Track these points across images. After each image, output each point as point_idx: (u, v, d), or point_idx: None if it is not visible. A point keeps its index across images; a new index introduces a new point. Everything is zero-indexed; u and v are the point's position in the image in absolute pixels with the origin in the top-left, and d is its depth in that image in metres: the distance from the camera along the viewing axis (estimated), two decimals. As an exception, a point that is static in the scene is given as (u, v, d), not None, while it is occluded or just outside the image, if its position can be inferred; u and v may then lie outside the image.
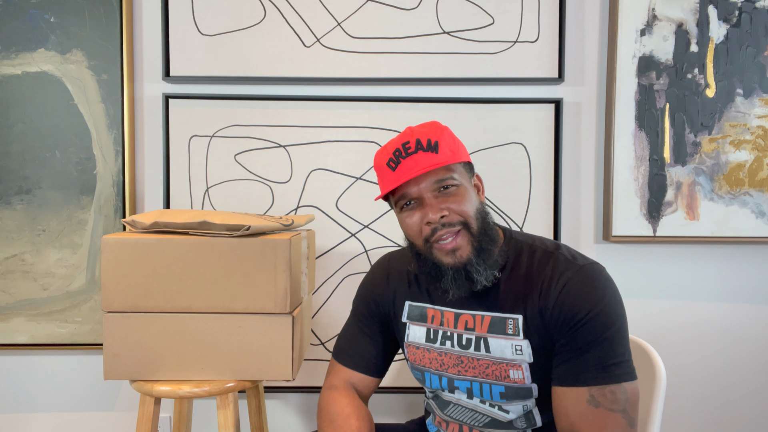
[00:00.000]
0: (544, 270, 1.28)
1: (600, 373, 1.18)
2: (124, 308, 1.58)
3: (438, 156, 1.23)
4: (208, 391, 1.59)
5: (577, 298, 1.22)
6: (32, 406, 2.20)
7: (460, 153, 1.29)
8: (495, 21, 2.10)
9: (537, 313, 1.26)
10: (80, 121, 2.09)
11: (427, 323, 1.39)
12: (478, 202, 1.29)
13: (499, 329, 1.29)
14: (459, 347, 1.33)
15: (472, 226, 1.26)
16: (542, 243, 1.35)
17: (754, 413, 2.21)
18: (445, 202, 1.25)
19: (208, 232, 1.58)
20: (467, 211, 1.25)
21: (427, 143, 1.24)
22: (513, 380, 1.28)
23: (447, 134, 1.28)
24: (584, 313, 1.20)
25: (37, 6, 2.07)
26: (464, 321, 1.33)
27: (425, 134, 1.26)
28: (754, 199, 2.10)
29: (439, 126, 1.30)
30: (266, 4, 2.09)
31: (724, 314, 2.19)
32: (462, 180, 1.27)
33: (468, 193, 1.27)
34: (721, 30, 2.07)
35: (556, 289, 1.24)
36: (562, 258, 1.28)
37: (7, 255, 2.11)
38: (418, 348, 1.40)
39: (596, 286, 1.23)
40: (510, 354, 1.28)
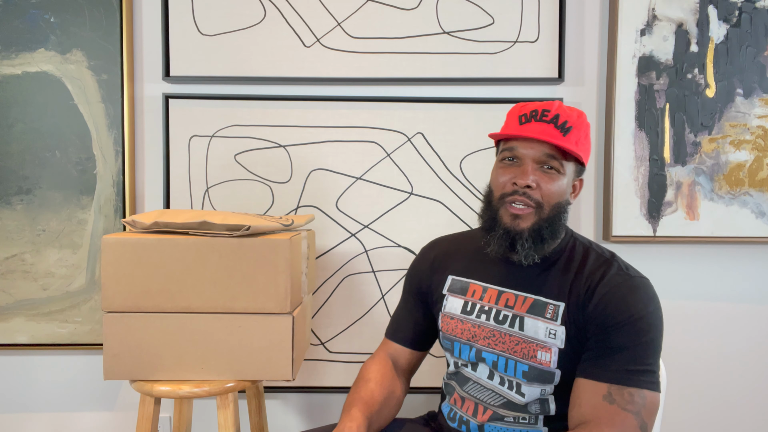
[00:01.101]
0: (596, 271, 1.34)
1: (624, 374, 1.22)
2: (123, 308, 1.58)
3: (564, 138, 1.30)
4: (208, 391, 1.59)
5: (621, 302, 1.27)
6: (32, 406, 2.20)
7: (582, 151, 1.34)
8: (495, 21, 2.10)
9: (579, 306, 1.31)
10: (80, 121, 2.09)
11: (466, 296, 1.45)
12: (564, 197, 1.35)
13: (538, 312, 1.35)
14: (494, 322, 1.39)
15: (544, 210, 1.33)
16: (599, 248, 1.42)
17: (755, 413, 2.21)
18: (540, 178, 1.32)
19: (208, 232, 1.58)
20: (550, 196, 1.32)
21: (562, 123, 1.31)
22: (539, 361, 1.32)
23: (583, 129, 1.35)
24: (625, 316, 1.25)
25: (37, 6, 2.07)
26: (506, 299, 1.39)
27: (566, 116, 1.32)
28: (754, 199, 2.10)
29: (583, 119, 1.35)
30: (266, 4, 2.09)
31: (724, 314, 2.19)
32: (565, 171, 1.34)
33: (561, 184, 1.33)
34: (721, 30, 2.07)
35: (602, 289, 1.30)
36: (615, 265, 1.35)
37: (7, 255, 2.11)
38: (452, 318, 1.46)
39: (641, 297, 1.28)
40: (543, 336, 1.33)
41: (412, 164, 2.13)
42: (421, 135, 2.12)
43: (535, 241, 1.32)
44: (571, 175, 1.36)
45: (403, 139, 2.12)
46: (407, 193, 2.13)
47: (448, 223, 2.13)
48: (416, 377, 2.15)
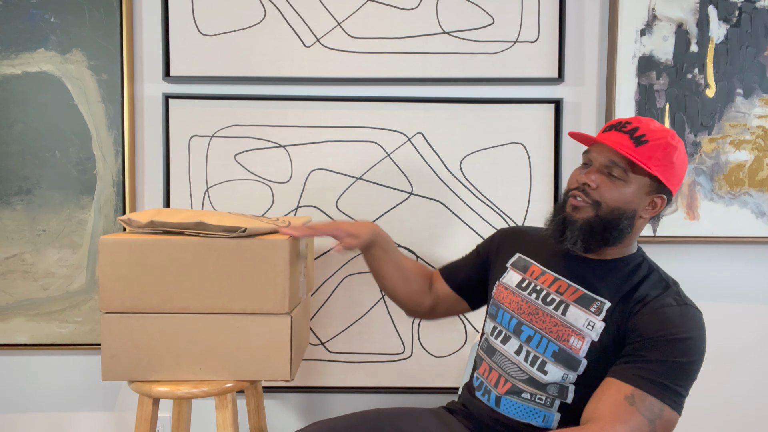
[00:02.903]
0: (653, 289, 1.39)
1: (651, 383, 1.26)
2: (122, 309, 1.58)
3: (635, 149, 1.35)
4: (206, 392, 1.59)
5: (668, 320, 1.31)
6: (32, 406, 2.20)
7: (659, 165, 1.35)
8: (495, 21, 2.09)
9: (626, 313, 1.36)
10: (80, 121, 2.10)
11: (525, 274, 1.54)
12: (629, 207, 1.38)
13: (584, 304, 1.41)
14: (542, 302, 1.47)
15: (602, 209, 1.38)
16: (665, 273, 1.46)
17: (755, 413, 2.21)
18: (602, 181, 1.39)
19: (204, 232, 1.58)
20: (608, 200, 1.38)
21: (638, 136, 1.36)
22: (570, 346, 1.39)
23: (664, 148, 1.36)
24: (667, 332, 1.29)
25: (37, 6, 2.07)
26: (558, 285, 1.47)
27: (645, 129, 1.37)
28: (754, 199, 2.09)
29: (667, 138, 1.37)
30: (266, 4, 2.09)
31: (724, 314, 2.18)
32: (632, 181, 1.37)
33: (624, 192, 1.38)
34: (721, 30, 2.07)
35: (654, 305, 1.34)
36: (673, 290, 1.39)
37: (7, 255, 2.12)
38: (506, 289, 1.56)
39: (690, 322, 1.33)
40: (581, 324, 1.39)
41: (412, 164, 2.13)
42: (421, 135, 2.12)
43: (584, 234, 1.40)
44: (642, 189, 1.38)
45: (403, 139, 2.12)
46: (407, 193, 2.13)
47: (448, 223, 2.13)
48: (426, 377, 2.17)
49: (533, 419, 1.43)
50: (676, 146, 1.37)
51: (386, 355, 2.17)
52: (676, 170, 1.39)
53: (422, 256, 2.14)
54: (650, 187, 1.39)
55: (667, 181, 1.38)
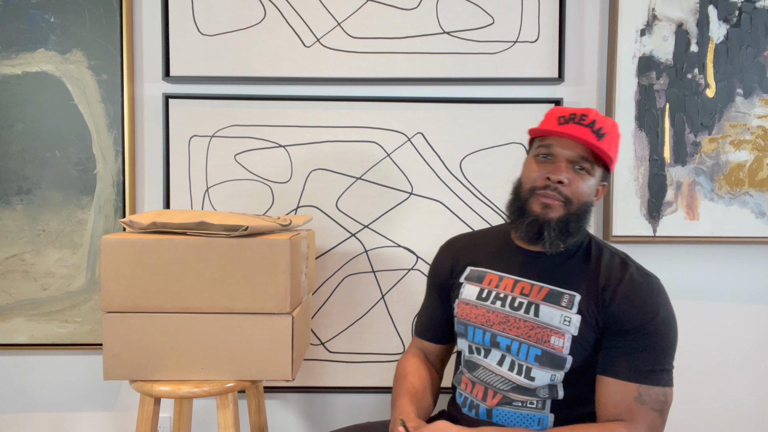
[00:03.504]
0: (614, 269, 1.43)
1: (651, 374, 1.33)
2: (123, 308, 1.58)
3: (599, 142, 1.39)
4: (207, 391, 1.59)
5: (643, 304, 1.37)
6: (32, 406, 2.20)
7: (611, 156, 1.42)
8: (495, 21, 2.09)
9: (597, 299, 1.39)
10: (80, 121, 2.10)
11: (482, 284, 1.52)
12: (590, 197, 1.44)
13: (553, 300, 1.42)
14: (509, 308, 1.46)
15: (573, 205, 1.41)
16: (612, 247, 1.51)
17: (755, 413, 2.21)
18: (573, 176, 1.41)
19: (206, 232, 1.58)
20: (579, 194, 1.41)
21: (598, 129, 1.40)
22: (552, 346, 1.39)
23: (615, 138, 1.44)
24: (648, 318, 1.35)
25: (37, 6, 2.07)
26: (521, 287, 1.47)
27: (600, 121, 1.41)
28: (754, 199, 2.10)
29: (615, 128, 1.45)
30: (266, 4, 2.09)
31: (724, 314, 2.19)
32: (595, 174, 1.43)
33: (590, 184, 1.43)
34: (721, 30, 2.07)
35: (624, 289, 1.38)
36: (631, 264, 1.44)
37: (7, 255, 2.11)
38: (467, 304, 1.53)
39: (661, 298, 1.40)
40: (557, 322, 1.40)
41: (412, 164, 2.13)
42: (421, 135, 2.12)
43: (561, 232, 1.41)
44: (598, 179, 1.45)
45: (403, 139, 2.12)
46: (407, 193, 2.13)
47: (448, 223, 2.13)
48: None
49: (529, 425, 1.43)
50: (619, 134, 1.47)
51: (386, 355, 2.17)
52: (616, 151, 1.47)
53: (422, 256, 2.14)
54: (602, 176, 1.46)
55: (611, 166, 1.46)
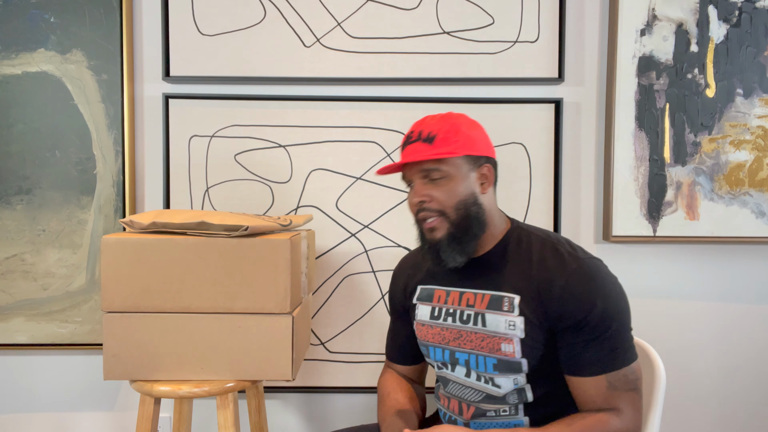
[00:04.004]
0: (545, 259, 1.39)
1: (611, 360, 1.31)
2: (123, 308, 1.58)
3: (431, 148, 1.37)
4: (207, 391, 1.59)
5: (584, 294, 1.32)
6: (32, 406, 2.20)
7: (461, 146, 1.38)
8: (495, 21, 2.10)
9: (535, 297, 1.36)
10: (80, 121, 2.10)
11: (432, 302, 1.51)
12: (466, 194, 1.39)
13: (496, 306, 1.40)
14: (459, 322, 1.45)
15: (450, 215, 1.39)
16: (545, 233, 1.46)
17: (754, 413, 2.21)
18: (429, 190, 1.39)
19: (206, 232, 1.58)
20: (446, 201, 1.38)
21: (427, 135, 1.38)
22: (504, 353, 1.38)
23: (449, 127, 1.39)
24: (588, 310, 1.31)
25: (37, 6, 2.07)
26: (466, 298, 1.45)
27: (428, 127, 1.39)
28: (754, 199, 2.10)
29: (446, 119, 1.41)
30: (266, 4, 2.09)
31: (724, 314, 2.19)
32: (453, 171, 1.38)
33: (454, 185, 1.38)
34: (721, 30, 2.07)
35: (560, 280, 1.34)
36: (563, 250, 1.39)
37: (7, 255, 2.11)
38: (423, 325, 1.52)
39: (597, 283, 1.34)
40: (503, 328, 1.38)
41: (412, 164, 2.13)
42: (421, 135, 2.12)
43: (454, 245, 1.39)
44: (466, 170, 1.39)
45: (403, 139, 2.12)
46: (407, 193, 2.13)
47: (448, 223, 2.13)
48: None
49: None
50: (458, 122, 1.40)
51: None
52: (475, 137, 1.41)
53: (422, 256, 2.14)
54: (468, 165, 1.40)
55: (477, 151, 1.40)
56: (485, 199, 1.42)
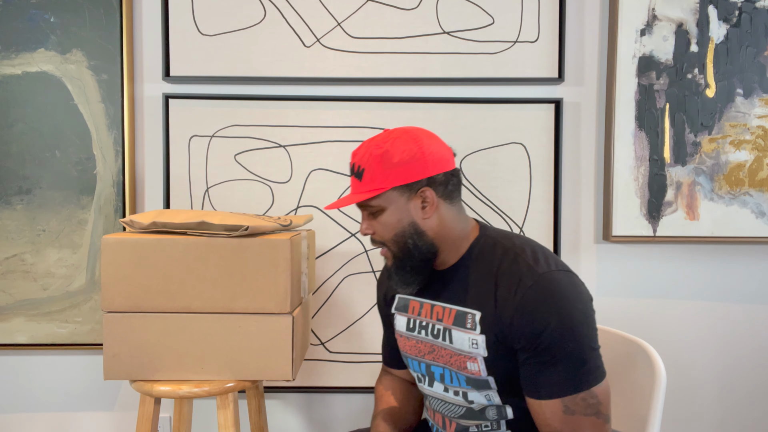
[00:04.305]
0: (503, 273, 1.30)
1: (568, 383, 1.21)
2: (123, 308, 1.58)
3: (360, 185, 1.33)
4: (208, 391, 1.59)
5: (534, 315, 1.23)
6: (32, 406, 2.20)
7: (387, 178, 1.30)
8: (495, 21, 2.10)
9: (494, 314, 1.29)
10: (80, 121, 2.10)
11: (408, 313, 1.47)
12: (403, 225, 1.33)
13: (461, 322, 1.34)
14: (431, 336, 1.41)
15: (392, 245, 1.35)
16: (510, 241, 1.36)
17: (754, 413, 2.21)
18: (370, 223, 1.37)
19: (207, 232, 1.58)
20: (384, 235, 1.35)
21: (357, 169, 1.33)
22: (470, 371, 1.33)
23: (376, 160, 1.30)
24: (541, 331, 1.22)
25: (37, 6, 2.07)
26: (436, 312, 1.40)
27: (358, 159, 1.33)
28: (754, 199, 2.10)
29: (374, 148, 1.31)
30: (266, 4, 2.09)
31: (724, 314, 2.19)
32: (386, 204, 1.32)
33: (390, 217, 1.33)
34: (721, 30, 2.07)
35: (515, 297, 1.26)
36: (522, 262, 1.29)
37: (7, 255, 2.11)
38: (401, 336, 1.49)
39: (553, 301, 1.23)
40: (467, 347, 1.33)
41: (412, 164, 2.12)
42: (421, 135, 2.12)
43: (400, 274, 1.37)
44: (404, 201, 1.32)
45: (403, 139, 2.12)
46: (407, 193, 2.13)
47: (448, 223, 2.13)
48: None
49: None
50: (387, 151, 1.29)
51: (386, 355, 2.17)
52: (407, 161, 1.29)
53: (422, 256, 2.14)
54: (403, 195, 1.31)
55: (409, 177, 1.30)
56: (430, 222, 1.34)
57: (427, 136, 1.36)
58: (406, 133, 1.34)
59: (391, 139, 1.32)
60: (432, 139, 1.36)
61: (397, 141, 1.31)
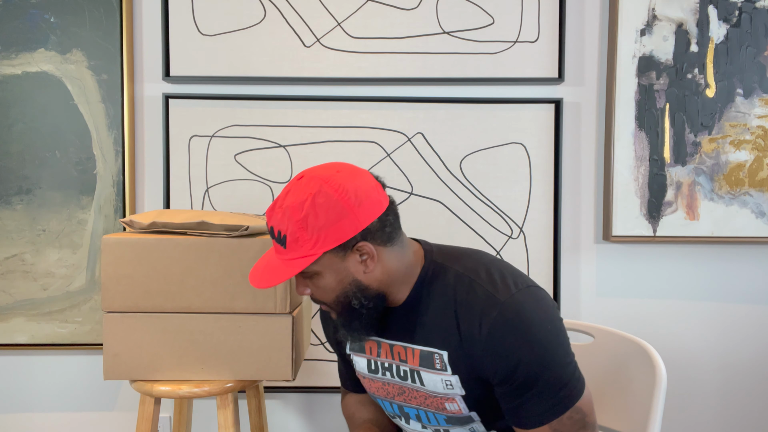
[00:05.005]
0: (463, 304, 1.21)
1: (552, 409, 1.17)
2: (124, 308, 1.58)
3: (285, 251, 1.18)
4: (208, 391, 1.59)
5: (504, 352, 1.16)
6: (32, 406, 2.20)
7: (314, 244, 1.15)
8: (495, 21, 2.10)
9: (462, 352, 1.21)
10: (80, 121, 2.10)
11: (366, 354, 1.36)
12: (343, 285, 1.21)
13: (428, 363, 1.26)
14: (398, 378, 1.32)
15: (333, 304, 1.24)
16: (462, 265, 1.26)
17: (754, 413, 2.21)
18: (306, 286, 1.24)
19: (207, 232, 1.58)
20: (324, 297, 1.23)
21: (277, 235, 1.18)
22: (450, 411, 1.27)
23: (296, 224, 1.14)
24: (515, 363, 1.15)
25: (37, 6, 2.07)
26: (397, 352, 1.30)
27: (277, 223, 1.18)
28: (754, 199, 2.10)
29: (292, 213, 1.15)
30: (266, 4, 2.09)
31: (724, 314, 2.19)
32: (321, 267, 1.18)
33: (329, 281, 1.20)
34: (721, 30, 2.07)
35: (480, 335, 1.18)
36: (480, 290, 1.20)
37: (7, 255, 2.11)
38: (364, 377, 1.40)
39: (521, 331, 1.16)
40: (441, 388, 1.25)
41: (412, 164, 2.13)
42: (421, 135, 2.12)
43: (347, 328, 1.26)
44: (339, 260, 1.18)
45: (403, 139, 2.12)
46: (407, 193, 2.13)
47: (447, 223, 2.13)
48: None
49: None
50: (301, 218, 1.14)
51: (386, 355, 2.16)
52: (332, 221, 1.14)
53: (422, 256, 2.14)
54: (337, 254, 1.18)
55: (339, 238, 1.15)
56: (373, 275, 1.21)
57: (352, 180, 1.18)
58: (328, 184, 1.15)
59: (311, 197, 1.14)
60: (357, 182, 1.19)
61: (318, 198, 1.14)
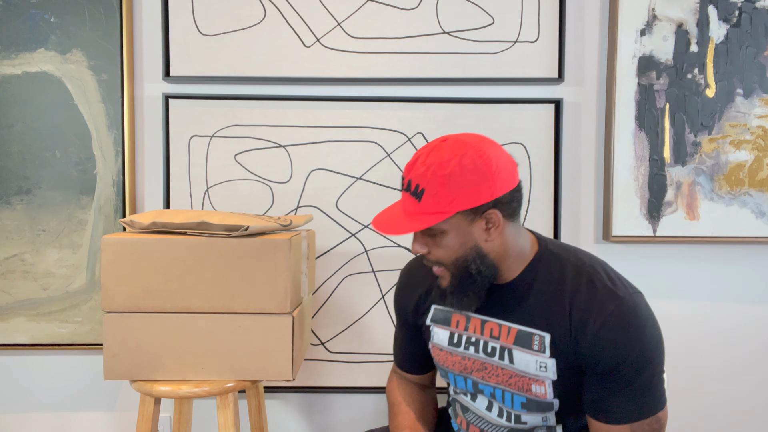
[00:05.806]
0: (580, 293, 1.26)
1: (639, 410, 1.22)
2: (124, 308, 1.58)
3: (418, 207, 1.21)
4: (208, 391, 1.59)
5: (617, 343, 1.21)
6: (32, 406, 2.20)
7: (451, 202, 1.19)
8: (495, 21, 2.10)
9: (568, 337, 1.25)
10: (80, 121, 2.09)
11: (450, 327, 1.40)
12: (465, 249, 1.25)
13: (524, 343, 1.29)
14: (483, 354, 1.34)
15: (451, 267, 1.28)
16: (578, 259, 1.32)
17: (755, 413, 2.21)
18: (426, 243, 1.28)
19: (207, 232, 1.58)
20: (443, 258, 1.27)
21: (414, 188, 1.22)
22: (535, 394, 1.29)
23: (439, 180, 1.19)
24: (623, 359, 1.20)
25: (37, 6, 2.07)
26: (490, 328, 1.34)
27: (416, 177, 1.21)
28: (754, 199, 2.10)
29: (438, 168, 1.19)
30: (266, 4, 2.09)
31: (724, 314, 2.19)
32: (449, 227, 1.23)
33: (452, 241, 1.24)
34: (721, 30, 2.07)
35: (594, 325, 1.22)
36: (600, 284, 1.26)
37: (7, 255, 2.11)
38: (441, 350, 1.43)
39: (635, 328, 1.21)
40: (534, 369, 1.28)
41: (412, 164, 2.12)
42: (421, 135, 2.12)
43: (457, 294, 1.30)
44: (467, 224, 1.23)
45: (403, 139, 2.12)
46: (407, 193, 2.13)
47: (448, 223, 2.13)
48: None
49: None
50: (450, 171, 1.18)
51: (386, 355, 2.17)
52: (473, 182, 1.19)
53: (422, 256, 2.14)
54: (467, 218, 1.22)
55: (475, 200, 1.20)
56: (493, 244, 1.26)
57: (494, 150, 1.23)
58: (474, 149, 1.20)
59: (458, 157, 1.19)
60: (498, 153, 1.24)
61: (465, 160, 1.19)
